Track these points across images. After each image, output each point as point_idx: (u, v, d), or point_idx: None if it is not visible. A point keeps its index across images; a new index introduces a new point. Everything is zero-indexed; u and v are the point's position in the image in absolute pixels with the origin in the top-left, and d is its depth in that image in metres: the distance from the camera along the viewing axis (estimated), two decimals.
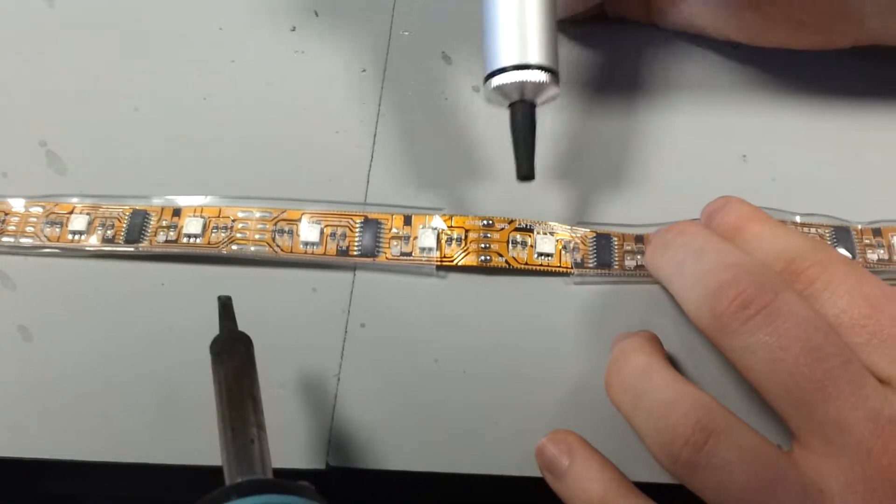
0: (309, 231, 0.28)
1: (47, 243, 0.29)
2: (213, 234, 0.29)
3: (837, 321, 0.22)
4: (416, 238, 0.28)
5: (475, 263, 0.28)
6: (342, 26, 0.33)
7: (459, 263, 0.28)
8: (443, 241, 0.28)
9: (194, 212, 0.29)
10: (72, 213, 0.29)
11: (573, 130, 0.31)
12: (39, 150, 0.31)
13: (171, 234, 0.29)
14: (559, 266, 0.28)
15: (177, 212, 0.29)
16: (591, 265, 0.28)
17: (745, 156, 0.30)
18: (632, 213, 0.29)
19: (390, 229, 0.29)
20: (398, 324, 0.28)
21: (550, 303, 0.28)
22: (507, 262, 0.28)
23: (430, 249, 0.28)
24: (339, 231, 0.29)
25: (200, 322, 0.28)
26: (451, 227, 0.29)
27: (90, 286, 0.28)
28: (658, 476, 0.25)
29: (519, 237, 0.28)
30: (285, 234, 0.29)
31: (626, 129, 0.31)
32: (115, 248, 0.28)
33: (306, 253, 0.28)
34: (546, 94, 0.25)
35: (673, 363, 0.26)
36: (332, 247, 0.28)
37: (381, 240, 0.28)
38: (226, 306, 0.24)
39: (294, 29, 0.33)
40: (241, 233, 0.29)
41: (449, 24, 0.33)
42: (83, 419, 0.26)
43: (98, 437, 0.26)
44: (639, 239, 0.28)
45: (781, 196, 0.29)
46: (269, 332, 0.27)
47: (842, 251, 0.28)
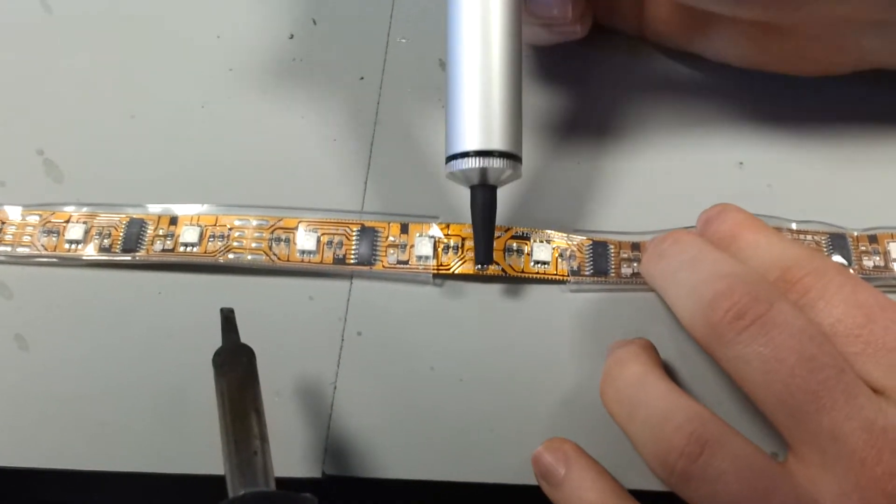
0: (305, 239, 0.29)
1: (44, 252, 0.29)
2: (210, 243, 0.29)
3: (832, 330, 0.22)
4: (412, 246, 0.28)
5: (471, 271, 0.28)
6: (340, 34, 0.33)
7: (456, 271, 0.28)
8: (439, 250, 0.28)
9: (191, 220, 0.29)
10: (68, 222, 0.29)
11: (568, 138, 0.31)
12: (37, 159, 0.31)
13: (168, 242, 0.29)
14: (555, 274, 0.28)
15: (173, 220, 0.29)
16: (587, 273, 0.28)
17: (741, 163, 0.30)
18: (628, 221, 0.29)
19: (387, 237, 0.29)
20: (395, 332, 0.28)
21: (547, 311, 0.28)
22: (503, 270, 0.28)
23: (426, 258, 0.28)
24: (336, 239, 0.29)
25: (198, 330, 0.28)
26: (448, 235, 0.29)
27: (87, 295, 0.28)
28: (654, 484, 0.25)
29: (515, 245, 0.28)
30: (282, 243, 0.29)
31: (622, 136, 0.31)
32: (111, 258, 0.28)
33: (303, 261, 0.28)
34: (507, 177, 0.26)
35: (668, 371, 0.26)
36: (329, 255, 0.28)
37: (378, 248, 0.28)
38: (228, 319, 0.24)
39: (292, 37, 0.33)
40: (237, 241, 0.29)
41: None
42: (80, 428, 0.27)
43: (95, 446, 0.26)
44: (635, 247, 0.28)
45: (777, 203, 0.29)
46: (266, 340, 0.27)
47: (838, 258, 0.28)
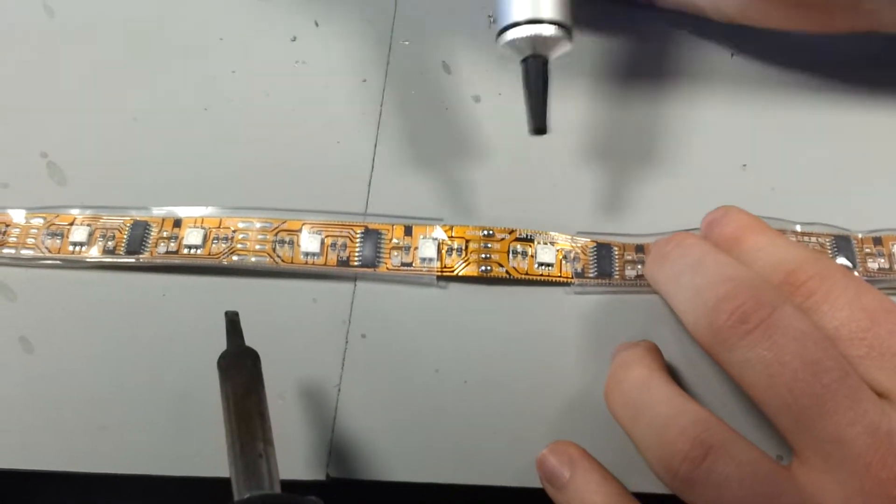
0: (309, 241, 0.29)
1: (48, 255, 0.29)
2: (214, 245, 0.29)
3: (836, 334, 0.22)
4: (416, 248, 0.28)
5: (476, 274, 0.28)
6: (343, 36, 0.33)
7: (460, 273, 0.28)
8: (443, 252, 0.28)
9: (195, 223, 0.29)
10: (73, 224, 0.29)
11: (572, 140, 0.31)
12: (40, 162, 0.31)
13: (172, 245, 0.29)
14: (560, 276, 0.28)
15: (177, 223, 0.29)
16: (591, 275, 0.28)
17: (745, 165, 0.30)
18: (632, 223, 0.29)
19: (391, 240, 0.29)
20: (399, 334, 0.28)
21: (551, 313, 0.28)
22: (507, 272, 0.28)
23: (430, 260, 0.28)
24: (340, 241, 0.29)
25: (202, 332, 0.28)
26: (452, 237, 0.29)
27: (91, 297, 0.28)
28: (659, 487, 0.25)
29: (519, 247, 0.28)
30: (286, 245, 0.29)
31: (625, 139, 0.31)
32: (115, 260, 0.29)
33: (307, 263, 0.28)
34: (559, 49, 0.25)
35: (673, 374, 0.26)
36: (333, 257, 0.28)
37: (382, 250, 0.28)
38: (233, 322, 0.24)
39: (295, 39, 0.33)
40: (241, 243, 0.29)
41: (449, 33, 0.33)
42: (84, 430, 0.27)
43: (99, 449, 0.26)
44: (639, 248, 0.28)
45: (781, 205, 0.29)
46: (270, 342, 0.27)
47: (842, 260, 0.28)
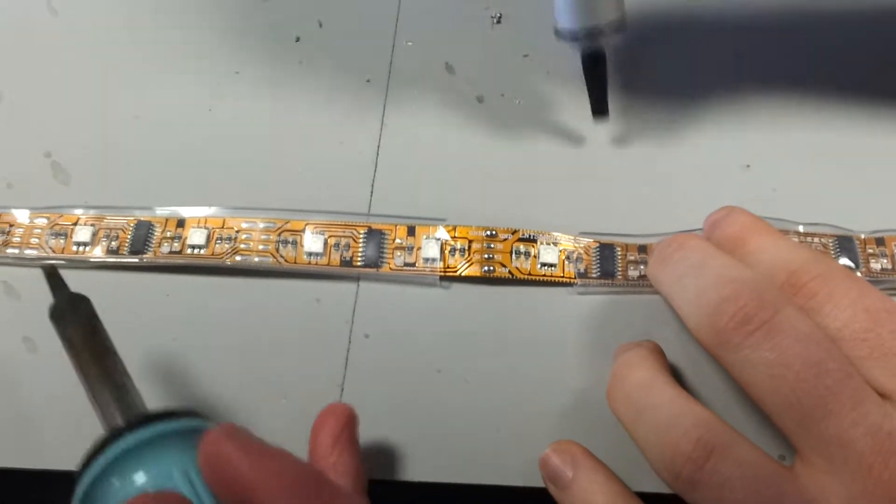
0: (313, 242, 0.29)
1: (52, 255, 0.29)
2: (217, 245, 0.29)
3: (839, 335, 0.22)
4: (419, 248, 0.28)
5: (478, 274, 0.28)
6: (346, 37, 0.33)
7: (463, 274, 0.28)
8: (446, 252, 0.28)
9: (198, 223, 0.29)
10: (76, 224, 0.29)
11: (575, 140, 0.31)
12: (44, 162, 0.31)
13: (176, 245, 0.29)
14: (562, 276, 0.28)
15: (181, 223, 0.29)
16: (594, 275, 0.28)
17: (748, 165, 0.30)
18: (635, 223, 0.29)
19: (394, 240, 0.29)
20: (402, 334, 0.28)
21: (554, 313, 0.28)
22: (510, 272, 0.28)
23: (433, 260, 0.28)
24: (343, 242, 0.29)
25: (205, 332, 0.28)
26: (455, 237, 0.29)
27: (95, 297, 0.28)
28: (661, 487, 0.25)
29: (522, 247, 0.28)
30: (289, 245, 0.29)
31: (628, 138, 0.31)
32: (119, 260, 0.29)
33: (310, 263, 0.28)
34: (614, 40, 0.27)
35: (675, 374, 0.26)
36: (336, 257, 0.28)
37: (385, 250, 0.28)
38: (52, 274, 0.24)
39: (298, 39, 0.34)
40: (244, 243, 0.29)
41: (452, 34, 0.33)
42: (87, 430, 0.26)
43: None
44: (642, 249, 0.28)
45: (784, 206, 0.29)
46: (273, 342, 0.28)
47: (845, 261, 0.28)
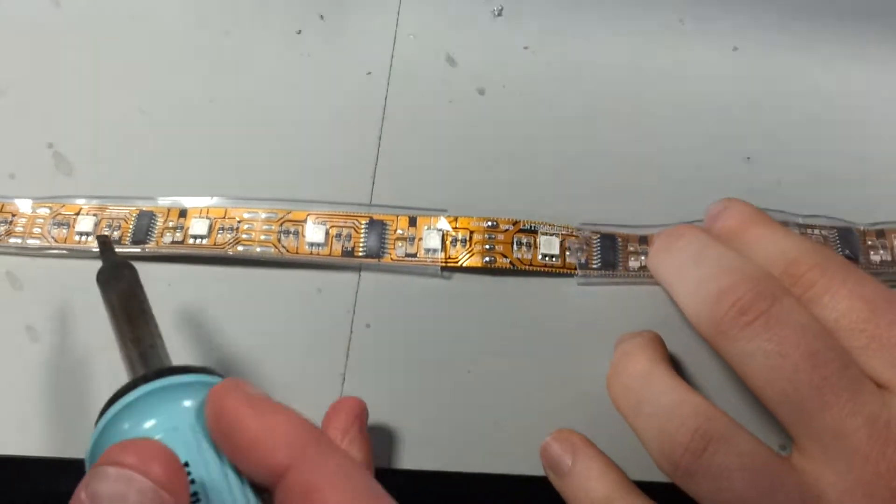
0: (314, 232, 0.29)
1: (54, 244, 0.29)
2: (219, 235, 0.29)
3: (836, 325, 0.22)
4: (420, 239, 0.29)
5: (480, 264, 0.28)
6: (348, 29, 0.34)
7: (464, 264, 0.28)
8: (447, 243, 0.29)
9: (200, 213, 0.29)
10: (79, 214, 0.29)
11: (576, 132, 0.31)
12: (46, 152, 0.31)
13: (178, 235, 0.29)
14: (563, 267, 0.28)
15: (183, 213, 0.29)
16: (595, 266, 0.28)
17: (749, 157, 0.30)
18: (636, 215, 0.29)
19: (395, 230, 0.29)
20: (403, 324, 0.28)
21: (555, 304, 0.28)
22: (511, 263, 0.28)
23: (434, 250, 0.28)
24: (345, 232, 0.29)
25: (207, 322, 0.28)
26: (456, 228, 0.29)
27: (97, 287, 0.29)
28: (660, 476, 0.25)
29: (523, 238, 0.29)
30: (291, 235, 0.29)
31: (629, 130, 0.31)
32: (121, 249, 0.29)
33: (312, 254, 0.28)
34: None
35: (675, 364, 0.26)
36: (338, 248, 0.28)
37: (386, 241, 0.29)
38: (104, 243, 0.25)
39: (300, 32, 0.34)
40: (246, 234, 0.29)
41: (454, 26, 0.33)
42: (90, 418, 0.27)
43: None
44: (643, 240, 0.28)
45: (785, 198, 0.29)
46: (275, 332, 0.28)
47: (845, 253, 0.28)
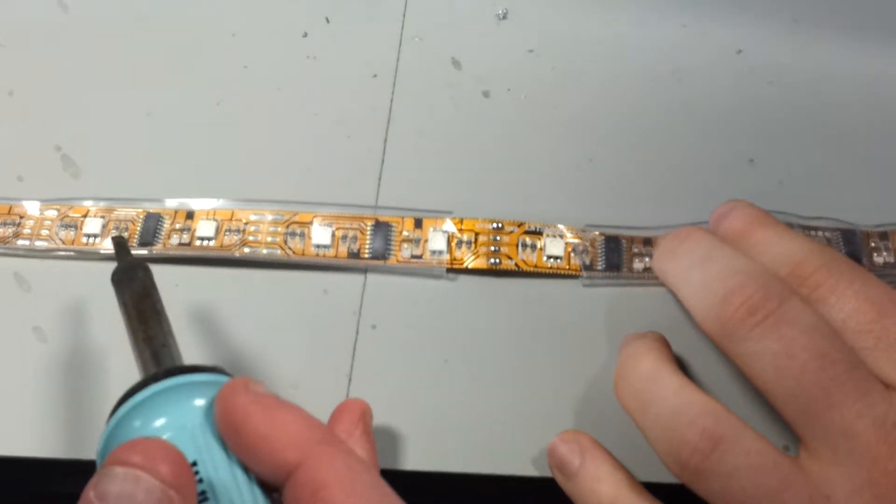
0: (321, 234, 0.29)
1: (62, 246, 0.29)
2: (226, 237, 0.29)
3: (843, 326, 0.22)
4: (426, 241, 0.29)
5: (485, 266, 0.28)
6: (353, 32, 0.34)
7: (469, 266, 0.28)
8: (453, 244, 0.29)
9: (207, 215, 0.29)
10: (86, 216, 0.30)
11: (581, 134, 0.31)
12: (54, 154, 0.31)
13: (185, 236, 0.29)
14: (568, 268, 0.28)
15: (190, 215, 0.29)
16: (600, 268, 0.28)
17: (752, 160, 0.30)
18: (640, 216, 0.29)
19: (401, 232, 0.29)
20: (409, 325, 0.28)
21: (560, 305, 0.28)
22: (516, 264, 0.28)
23: (440, 252, 0.28)
24: (351, 234, 0.29)
25: (213, 323, 0.28)
26: (462, 230, 0.29)
27: (104, 289, 0.28)
28: (668, 477, 0.25)
29: (528, 240, 0.29)
30: (297, 237, 0.29)
31: (633, 132, 0.31)
32: None
33: (318, 255, 0.29)
34: None
35: (681, 365, 0.27)
36: (344, 249, 0.29)
37: (392, 242, 0.29)
38: (120, 244, 0.25)
39: (306, 35, 0.34)
40: (253, 235, 0.29)
41: (459, 29, 0.34)
42: (97, 420, 0.27)
43: None
44: (647, 241, 0.29)
45: (788, 199, 0.29)
46: (281, 333, 0.28)
47: (848, 254, 0.28)
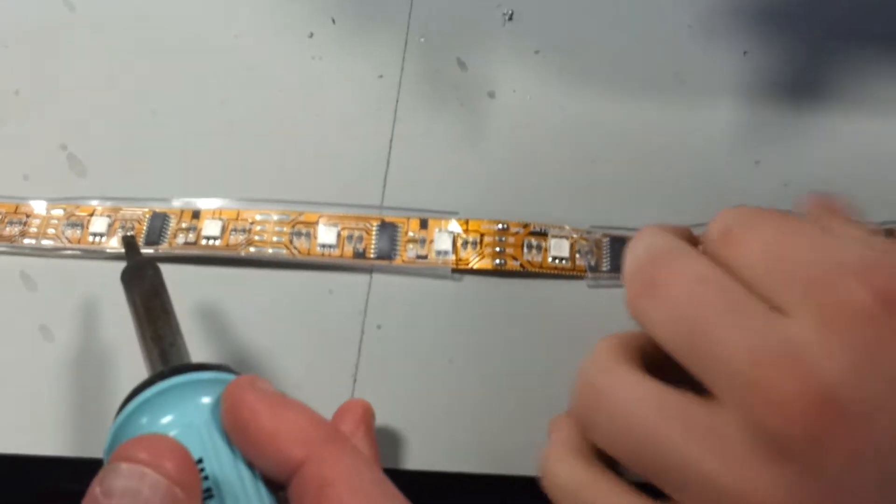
0: (326, 234, 0.29)
1: (68, 245, 0.29)
2: (232, 237, 0.29)
3: (744, 272, 0.20)
4: (431, 241, 0.29)
5: (490, 267, 0.28)
6: (359, 33, 0.34)
7: (475, 266, 0.28)
8: (458, 245, 0.29)
9: (213, 214, 0.29)
10: (92, 215, 0.30)
11: (586, 135, 0.31)
12: (60, 154, 0.31)
13: (191, 236, 0.29)
14: (573, 269, 0.28)
15: (196, 214, 0.29)
16: (605, 269, 0.28)
17: (757, 161, 0.30)
18: (646, 217, 0.29)
19: (406, 232, 0.29)
20: (414, 325, 0.28)
21: (564, 306, 0.28)
22: (521, 265, 0.28)
23: (445, 252, 0.29)
24: (356, 234, 0.29)
25: (219, 323, 0.28)
26: (467, 230, 0.29)
27: (110, 287, 0.28)
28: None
29: (534, 241, 0.29)
30: (303, 237, 0.29)
31: (638, 133, 0.31)
32: None
33: (323, 255, 0.29)
34: None
35: (672, 364, 0.26)
36: (349, 249, 0.29)
37: (398, 243, 0.29)
38: (130, 243, 0.25)
39: (311, 35, 0.34)
40: (259, 235, 0.29)
41: (464, 30, 0.34)
42: (103, 418, 0.27)
43: None
44: None
45: (794, 201, 0.29)
46: (287, 333, 0.28)
47: None
